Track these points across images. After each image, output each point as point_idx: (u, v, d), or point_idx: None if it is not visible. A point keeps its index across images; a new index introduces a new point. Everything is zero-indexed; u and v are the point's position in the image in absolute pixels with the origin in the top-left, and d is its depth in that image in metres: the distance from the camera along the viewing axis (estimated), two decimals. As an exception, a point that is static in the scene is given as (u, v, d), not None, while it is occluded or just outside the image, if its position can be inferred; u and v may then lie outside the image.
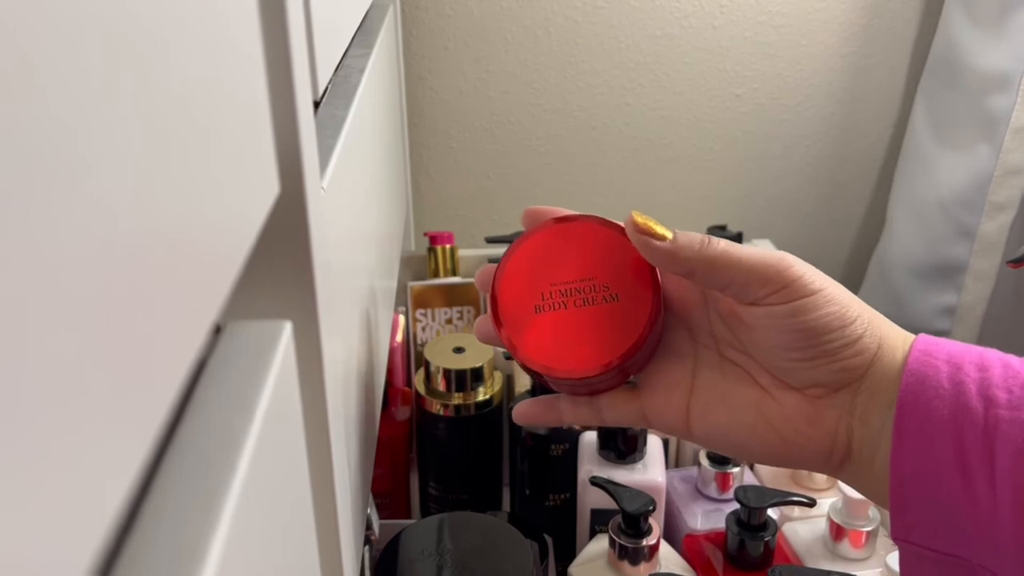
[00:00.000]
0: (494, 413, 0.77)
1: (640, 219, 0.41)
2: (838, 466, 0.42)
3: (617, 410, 0.44)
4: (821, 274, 0.41)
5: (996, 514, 0.38)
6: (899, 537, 0.40)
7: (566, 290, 0.43)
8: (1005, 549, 0.38)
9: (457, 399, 0.75)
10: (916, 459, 0.39)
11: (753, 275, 0.40)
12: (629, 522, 0.61)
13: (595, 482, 0.64)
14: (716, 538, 0.66)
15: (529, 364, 0.43)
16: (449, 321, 0.91)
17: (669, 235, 0.41)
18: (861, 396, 0.41)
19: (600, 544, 0.64)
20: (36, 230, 0.12)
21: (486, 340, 0.46)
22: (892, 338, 0.41)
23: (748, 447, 0.43)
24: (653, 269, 0.43)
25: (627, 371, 0.43)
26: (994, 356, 0.40)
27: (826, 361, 0.41)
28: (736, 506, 0.63)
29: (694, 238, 0.41)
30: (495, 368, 0.78)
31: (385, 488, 0.82)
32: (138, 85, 0.15)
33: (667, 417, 0.44)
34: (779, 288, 0.40)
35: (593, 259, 0.44)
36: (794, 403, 0.42)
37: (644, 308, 0.42)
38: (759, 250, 0.41)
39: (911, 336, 0.42)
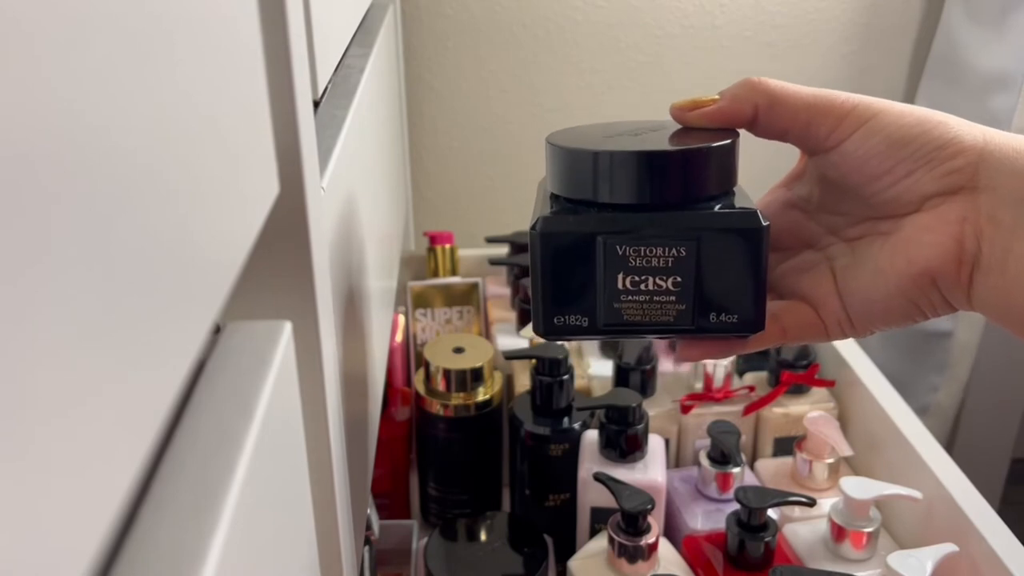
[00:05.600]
0: (494, 413, 0.77)
1: (682, 101, 0.41)
2: (968, 279, 0.39)
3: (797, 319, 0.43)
4: (883, 100, 0.40)
5: None
6: None
7: None
8: None
9: (457, 399, 0.75)
10: None
11: (814, 108, 0.40)
12: (628, 520, 0.61)
13: (598, 478, 0.64)
14: (716, 538, 0.66)
15: None
16: (449, 321, 0.91)
17: (716, 96, 0.41)
18: (983, 195, 0.39)
19: (601, 542, 0.64)
20: (37, 230, 0.12)
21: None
22: (998, 134, 0.39)
23: (894, 292, 0.41)
24: None
25: None
26: None
27: (925, 169, 0.39)
28: (736, 506, 0.63)
29: (744, 81, 0.41)
30: (495, 368, 0.78)
31: (385, 488, 0.82)
32: (138, 85, 0.15)
33: (829, 320, 0.43)
34: (842, 117, 0.39)
35: None
36: (913, 222, 0.40)
37: None
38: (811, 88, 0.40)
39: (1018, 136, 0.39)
